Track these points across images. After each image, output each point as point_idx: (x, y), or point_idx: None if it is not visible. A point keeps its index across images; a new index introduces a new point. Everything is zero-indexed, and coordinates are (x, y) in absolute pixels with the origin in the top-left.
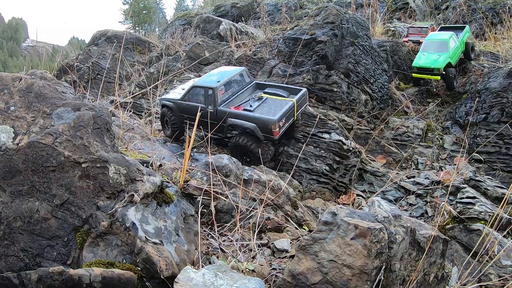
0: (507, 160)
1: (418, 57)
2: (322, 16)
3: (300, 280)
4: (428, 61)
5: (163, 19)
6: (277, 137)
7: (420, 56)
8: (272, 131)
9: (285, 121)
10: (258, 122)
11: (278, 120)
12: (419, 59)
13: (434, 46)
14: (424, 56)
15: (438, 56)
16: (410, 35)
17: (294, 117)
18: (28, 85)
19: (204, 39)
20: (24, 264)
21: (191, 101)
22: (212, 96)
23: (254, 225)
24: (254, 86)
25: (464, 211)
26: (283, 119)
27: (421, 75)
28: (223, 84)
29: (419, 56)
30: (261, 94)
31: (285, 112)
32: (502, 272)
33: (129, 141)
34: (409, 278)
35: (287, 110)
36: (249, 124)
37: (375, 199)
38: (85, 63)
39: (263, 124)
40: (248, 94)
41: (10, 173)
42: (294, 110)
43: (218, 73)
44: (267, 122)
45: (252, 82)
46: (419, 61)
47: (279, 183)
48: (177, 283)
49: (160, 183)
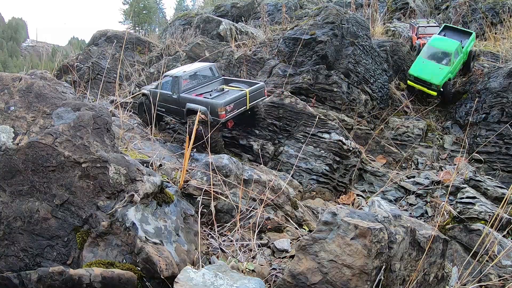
0: (507, 160)
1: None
2: (322, 16)
3: (300, 280)
4: (427, 72)
5: (163, 19)
6: (224, 120)
7: (420, 63)
8: (219, 114)
9: (234, 107)
10: (208, 106)
11: (224, 104)
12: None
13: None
14: (423, 64)
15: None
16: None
17: (246, 106)
18: (28, 85)
19: (204, 39)
20: (24, 264)
21: (162, 89)
22: (176, 84)
23: (254, 225)
24: (221, 80)
25: (464, 211)
26: (230, 105)
27: (417, 86)
28: (188, 74)
29: (418, 63)
30: (223, 86)
31: (233, 99)
32: (502, 272)
33: (129, 141)
34: (409, 278)
35: (237, 98)
36: (201, 107)
37: (375, 199)
38: (85, 63)
39: (212, 107)
40: (214, 86)
41: (10, 173)
42: (247, 99)
43: (188, 66)
44: (215, 105)
45: (220, 77)
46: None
47: (279, 183)
48: (177, 283)
49: (160, 183)
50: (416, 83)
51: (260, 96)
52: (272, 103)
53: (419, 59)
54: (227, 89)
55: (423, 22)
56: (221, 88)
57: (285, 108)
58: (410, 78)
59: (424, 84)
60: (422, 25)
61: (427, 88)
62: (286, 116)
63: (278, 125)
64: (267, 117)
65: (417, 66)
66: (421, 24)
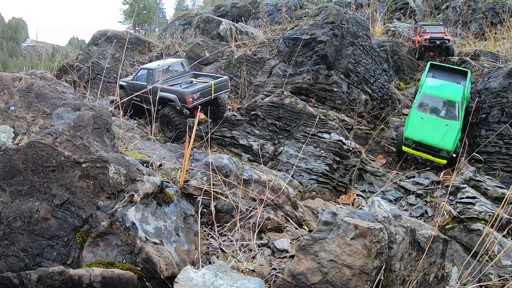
0: (507, 160)
1: (414, 123)
2: (322, 16)
3: (300, 280)
4: (432, 134)
5: (163, 19)
6: (191, 106)
7: (417, 121)
8: (186, 101)
9: (200, 96)
10: (177, 94)
11: (191, 92)
12: (417, 127)
13: (439, 106)
14: (423, 122)
15: (446, 126)
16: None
17: (211, 95)
18: (28, 85)
19: (204, 39)
20: (24, 264)
21: (138, 81)
22: (151, 75)
23: (254, 225)
24: (191, 74)
25: (464, 211)
26: (197, 93)
27: (419, 153)
28: (161, 68)
29: (416, 121)
30: (192, 79)
31: (199, 89)
32: (502, 272)
33: (129, 141)
34: (409, 278)
35: (202, 88)
36: (171, 95)
37: (375, 199)
38: (85, 63)
39: (180, 95)
40: (184, 79)
41: (10, 173)
42: (212, 90)
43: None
44: (183, 93)
45: (189, 71)
46: (417, 132)
47: (279, 183)
48: (177, 283)
49: (160, 183)
50: (418, 150)
51: (224, 88)
52: (272, 103)
53: (415, 115)
54: (195, 82)
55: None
56: (190, 81)
57: (285, 108)
58: (408, 142)
59: (430, 151)
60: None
61: (433, 155)
62: (286, 116)
63: (278, 125)
64: (267, 117)
65: (416, 126)
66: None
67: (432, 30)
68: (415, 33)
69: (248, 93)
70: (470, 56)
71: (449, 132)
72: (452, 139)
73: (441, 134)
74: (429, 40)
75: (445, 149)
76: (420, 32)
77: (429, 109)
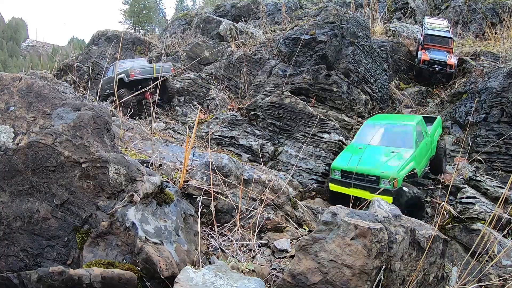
0: (507, 160)
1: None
2: (322, 16)
3: (300, 280)
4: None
5: (163, 19)
6: (132, 78)
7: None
8: (130, 74)
9: (141, 72)
10: (125, 72)
11: (134, 68)
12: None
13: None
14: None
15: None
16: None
17: (153, 74)
18: (28, 85)
19: (204, 39)
20: (24, 264)
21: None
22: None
23: (254, 225)
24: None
25: (464, 211)
26: (138, 69)
27: (347, 190)
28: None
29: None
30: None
31: (141, 66)
32: (502, 272)
33: (129, 141)
34: (409, 278)
35: (144, 66)
36: (122, 75)
37: (375, 199)
38: (85, 63)
39: (126, 72)
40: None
41: (10, 173)
42: (153, 69)
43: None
44: (127, 69)
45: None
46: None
47: (279, 183)
48: (177, 283)
49: (160, 183)
50: (346, 185)
51: (166, 70)
52: (272, 103)
53: (349, 148)
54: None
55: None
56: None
57: (285, 108)
58: (335, 177)
59: (364, 184)
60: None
61: (371, 190)
62: (286, 116)
63: (278, 125)
64: (267, 117)
65: (347, 155)
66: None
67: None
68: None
69: (248, 93)
70: (470, 56)
71: (395, 158)
72: (397, 165)
73: (382, 160)
74: (428, 63)
75: (386, 175)
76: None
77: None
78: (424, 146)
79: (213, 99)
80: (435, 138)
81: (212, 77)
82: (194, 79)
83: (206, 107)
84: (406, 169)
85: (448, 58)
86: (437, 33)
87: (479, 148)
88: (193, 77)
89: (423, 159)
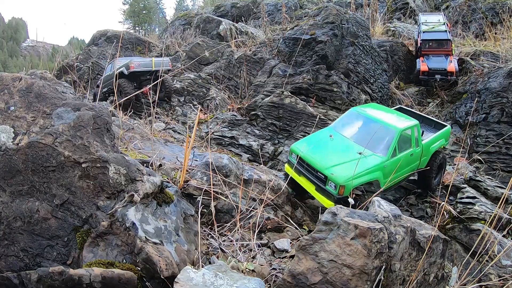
0: (507, 160)
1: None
2: (322, 16)
3: (300, 280)
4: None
5: (163, 19)
6: (132, 70)
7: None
8: (130, 66)
9: (141, 65)
10: (125, 65)
11: (133, 61)
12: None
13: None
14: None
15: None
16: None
17: (152, 67)
18: (28, 85)
19: (204, 39)
20: (24, 264)
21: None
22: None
23: (254, 225)
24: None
25: (464, 211)
26: (139, 62)
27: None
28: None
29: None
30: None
31: (141, 60)
32: (502, 272)
33: (129, 141)
34: (409, 278)
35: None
36: (122, 68)
37: (375, 199)
38: (85, 63)
39: (126, 65)
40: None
41: (10, 173)
42: (152, 63)
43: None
44: (128, 62)
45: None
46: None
47: (279, 183)
48: (177, 283)
49: (160, 183)
50: (298, 172)
51: (164, 65)
52: (272, 103)
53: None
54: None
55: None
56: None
57: (285, 108)
58: (291, 159)
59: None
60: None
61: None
62: (286, 116)
63: (278, 125)
64: (267, 117)
65: (311, 140)
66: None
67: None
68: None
69: (248, 93)
70: (470, 56)
71: (355, 162)
72: (351, 171)
73: (340, 159)
74: (428, 73)
75: (333, 179)
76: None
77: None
78: (407, 157)
79: (213, 99)
80: (430, 149)
81: (212, 77)
82: (194, 79)
83: (206, 107)
84: (362, 179)
85: (449, 64)
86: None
87: (479, 148)
88: (193, 77)
89: (399, 171)
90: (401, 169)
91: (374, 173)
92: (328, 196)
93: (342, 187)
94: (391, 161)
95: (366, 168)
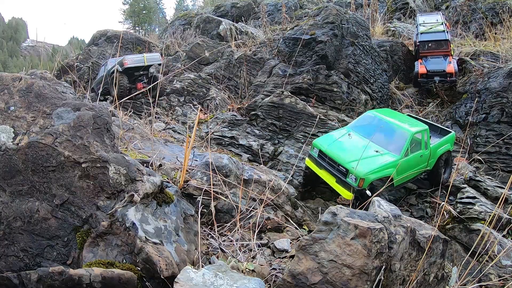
0: (507, 160)
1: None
2: (322, 16)
3: (300, 280)
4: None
5: (163, 19)
6: (126, 66)
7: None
8: (123, 63)
9: (134, 61)
10: (118, 62)
11: (127, 57)
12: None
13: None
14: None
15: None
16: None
17: (144, 63)
18: (28, 85)
19: (204, 39)
20: (24, 264)
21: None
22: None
23: (254, 225)
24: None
25: (464, 211)
26: (132, 59)
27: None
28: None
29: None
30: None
31: (133, 56)
32: (502, 272)
33: (129, 141)
34: (409, 278)
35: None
36: (117, 65)
37: (375, 199)
38: (85, 63)
39: (120, 61)
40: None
41: (10, 173)
42: (144, 58)
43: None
44: (121, 60)
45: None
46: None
47: (279, 183)
48: (177, 283)
49: (160, 183)
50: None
51: (156, 60)
52: (272, 103)
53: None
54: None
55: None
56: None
57: (285, 108)
58: (312, 153)
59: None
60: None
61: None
62: (286, 116)
63: (278, 125)
64: (267, 117)
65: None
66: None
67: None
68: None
69: (248, 93)
70: (470, 56)
71: (374, 159)
72: (372, 166)
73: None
74: (427, 76)
75: (354, 173)
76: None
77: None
78: (417, 158)
79: (213, 99)
80: (437, 152)
81: (212, 77)
82: (194, 79)
83: (206, 107)
84: (379, 174)
85: (447, 65)
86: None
87: (479, 148)
88: (193, 77)
89: (409, 170)
90: (412, 168)
91: (389, 170)
92: (348, 188)
93: (362, 179)
94: (403, 160)
95: (382, 164)
